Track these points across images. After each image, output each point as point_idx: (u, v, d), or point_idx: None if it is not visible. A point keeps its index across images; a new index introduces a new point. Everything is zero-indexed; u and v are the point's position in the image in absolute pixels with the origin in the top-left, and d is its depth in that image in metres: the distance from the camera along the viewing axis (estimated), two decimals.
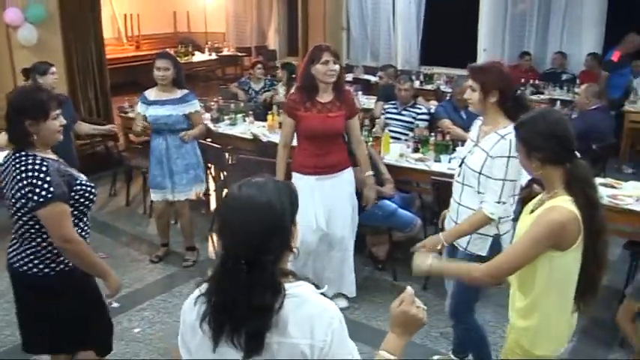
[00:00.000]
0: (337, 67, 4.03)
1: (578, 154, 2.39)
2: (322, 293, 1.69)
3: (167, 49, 5.50)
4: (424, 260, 2.62)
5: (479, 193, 3.17)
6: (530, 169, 2.47)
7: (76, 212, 2.77)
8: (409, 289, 1.80)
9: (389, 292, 4.78)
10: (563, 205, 2.31)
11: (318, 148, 4.16)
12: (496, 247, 3.19)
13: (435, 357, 3.95)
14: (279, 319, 1.58)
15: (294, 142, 4.34)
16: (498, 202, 3.07)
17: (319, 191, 4.17)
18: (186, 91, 4.97)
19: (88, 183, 2.84)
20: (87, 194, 2.81)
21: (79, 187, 2.77)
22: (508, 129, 3.02)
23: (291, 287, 1.63)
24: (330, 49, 4.05)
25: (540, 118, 2.43)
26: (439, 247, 3.15)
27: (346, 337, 1.67)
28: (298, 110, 4.12)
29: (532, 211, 2.49)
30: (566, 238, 2.31)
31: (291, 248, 1.67)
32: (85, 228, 2.88)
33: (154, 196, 5.21)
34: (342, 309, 1.72)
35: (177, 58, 5.46)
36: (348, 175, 4.32)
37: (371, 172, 4.38)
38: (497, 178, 3.05)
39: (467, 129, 4.53)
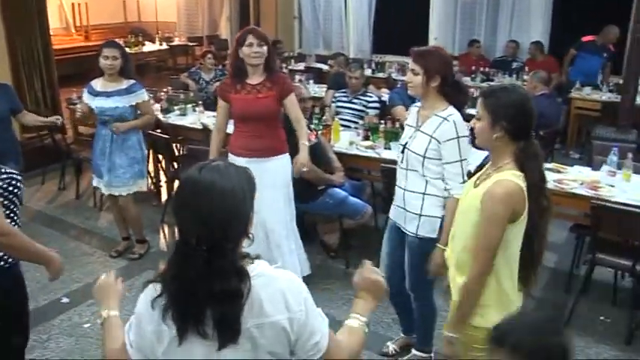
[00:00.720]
0: (263, 49, 4.03)
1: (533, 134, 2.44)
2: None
3: (116, 39, 5.38)
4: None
5: (423, 176, 3.21)
6: (488, 139, 2.44)
7: (6, 202, 2.63)
8: (367, 261, 1.92)
9: (342, 279, 4.79)
10: (509, 178, 2.35)
11: (251, 130, 4.18)
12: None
13: (389, 343, 3.96)
14: (252, 301, 1.56)
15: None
16: (464, 182, 3.10)
17: None
18: (132, 82, 4.87)
19: (11, 170, 2.72)
20: (14, 182, 2.68)
21: (5, 177, 2.65)
22: (448, 111, 3.12)
23: (253, 268, 1.62)
24: (255, 31, 4.08)
25: (512, 91, 2.46)
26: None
27: (313, 304, 1.70)
28: (230, 93, 4.17)
29: (476, 185, 2.51)
30: (517, 208, 2.34)
31: (248, 234, 1.65)
32: (16, 219, 2.74)
33: (95, 182, 5.17)
34: None
35: (127, 49, 5.35)
36: (279, 162, 4.27)
37: (306, 142, 4.24)
38: (454, 160, 3.12)
39: None
